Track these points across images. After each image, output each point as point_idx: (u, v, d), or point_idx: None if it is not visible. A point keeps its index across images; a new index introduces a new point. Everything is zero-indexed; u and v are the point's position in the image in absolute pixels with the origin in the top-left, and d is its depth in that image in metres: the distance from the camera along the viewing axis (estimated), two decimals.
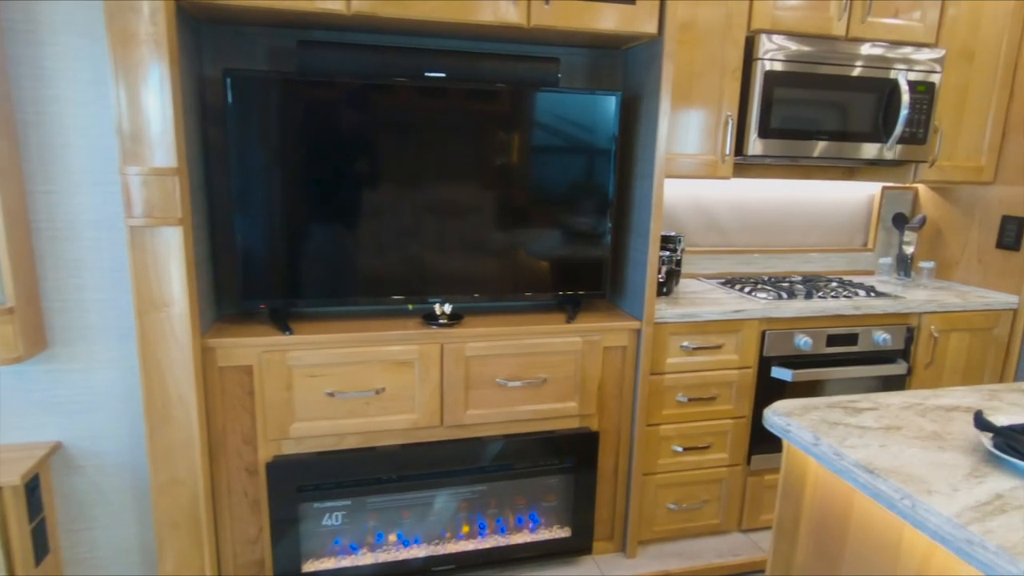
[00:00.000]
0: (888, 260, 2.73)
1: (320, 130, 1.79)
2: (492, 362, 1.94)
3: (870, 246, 2.88)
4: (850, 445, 1.10)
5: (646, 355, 2.05)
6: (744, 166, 2.60)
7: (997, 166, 2.51)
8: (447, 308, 1.95)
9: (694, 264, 2.67)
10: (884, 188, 2.82)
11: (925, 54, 2.27)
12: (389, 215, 1.89)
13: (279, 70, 1.93)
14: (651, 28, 1.88)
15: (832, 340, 2.26)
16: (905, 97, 2.24)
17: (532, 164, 1.97)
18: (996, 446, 1.04)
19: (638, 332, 2.06)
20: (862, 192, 2.82)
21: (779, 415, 1.24)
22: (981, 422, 1.10)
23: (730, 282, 2.52)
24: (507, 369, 1.96)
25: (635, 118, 2.11)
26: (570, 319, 2.03)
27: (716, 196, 2.64)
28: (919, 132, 2.33)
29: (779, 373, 2.22)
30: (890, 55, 2.24)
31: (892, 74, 2.25)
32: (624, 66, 2.20)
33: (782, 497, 1.32)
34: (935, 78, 2.30)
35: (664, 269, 2.26)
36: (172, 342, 1.64)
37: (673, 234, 2.43)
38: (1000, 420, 1.17)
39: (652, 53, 1.97)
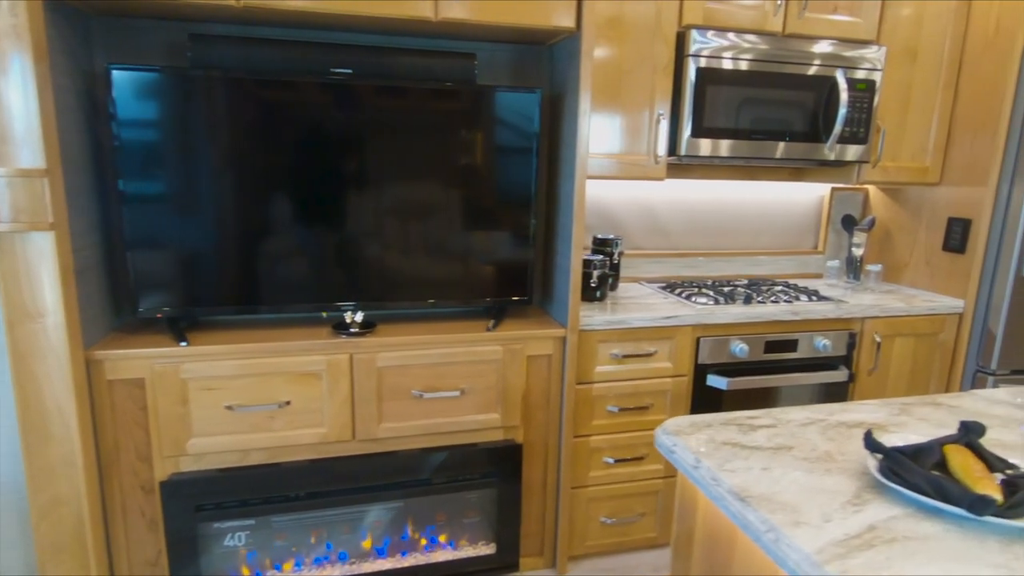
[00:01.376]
0: (836, 263, 2.66)
1: (214, 128, 1.69)
2: (407, 373, 1.85)
3: (820, 249, 2.81)
4: (730, 468, 1.02)
5: (571, 364, 1.97)
6: (688, 167, 2.53)
7: (943, 167, 2.45)
8: (358, 316, 1.86)
9: (637, 267, 2.59)
10: (834, 189, 2.76)
11: (865, 52, 2.21)
12: (295, 218, 1.80)
13: (168, 65, 1.83)
14: (568, 23, 1.80)
15: (770, 347, 2.19)
16: (844, 96, 2.17)
17: (449, 165, 1.88)
18: (880, 470, 0.96)
19: (563, 340, 1.98)
20: (812, 193, 2.75)
21: (667, 434, 1.16)
22: (871, 443, 1.02)
23: (671, 286, 2.45)
24: (424, 380, 1.87)
25: (560, 117, 2.02)
26: (492, 327, 1.94)
27: (660, 198, 2.56)
28: (860, 132, 2.26)
29: (714, 381, 2.14)
30: (828, 52, 2.17)
31: (831, 72, 2.18)
32: (551, 62, 2.12)
33: (677, 517, 1.24)
34: (876, 76, 2.23)
35: (596, 273, 2.17)
36: (49, 354, 1.53)
37: (611, 237, 2.35)
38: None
39: (573, 49, 1.89)
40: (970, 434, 1.05)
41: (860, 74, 2.21)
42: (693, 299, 2.23)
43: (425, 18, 1.69)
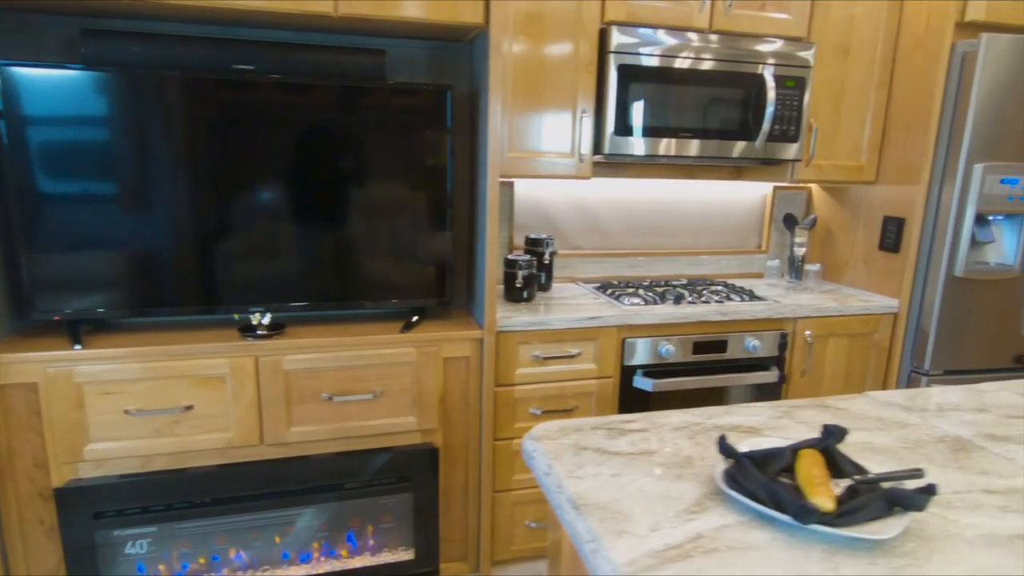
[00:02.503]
0: (775, 262, 2.64)
1: (108, 126, 1.65)
2: (317, 376, 1.81)
3: (764, 248, 2.79)
4: (578, 476, 0.99)
5: (489, 366, 1.94)
6: (624, 166, 2.50)
7: (879, 165, 2.43)
8: (266, 319, 1.82)
9: (574, 268, 2.56)
10: (775, 188, 2.73)
11: (794, 49, 2.18)
12: (200, 218, 1.76)
13: (59, 62, 1.78)
14: (476, 18, 1.76)
15: (699, 347, 2.16)
16: (771, 94, 2.14)
17: (361, 164, 1.85)
18: (722, 476, 0.93)
19: (481, 342, 1.94)
20: (755, 192, 2.73)
21: (532, 439, 1.12)
22: (725, 447, 0.99)
23: (604, 287, 2.42)
24: (335, 383, 1.83)
25: (477, 115, 1.99)
26: (406, 328, 1.91)
27: (598, 197, 2.53)
28: (791, 130, 2.24)
29: (640, 383, 2.12)
30: (756, 49, 2.14)
31: (759, 69, 2.16)
32: (470, 60, 2.08)
33: (550, 525, 1.21)
34: (806, 73, 2.21)
35: (522, 274, 2.14)
36: None
37: (543, 236, 2.32)
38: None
39: (485, 45, 1.86)
40: (829, 438, 1.02)
41: (789, 71, 2.19)
42: (623, 299, 2.20)
43: (325, 13, 1.66)
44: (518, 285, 2.15)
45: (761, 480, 0.89)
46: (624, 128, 2.08)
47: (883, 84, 2.35)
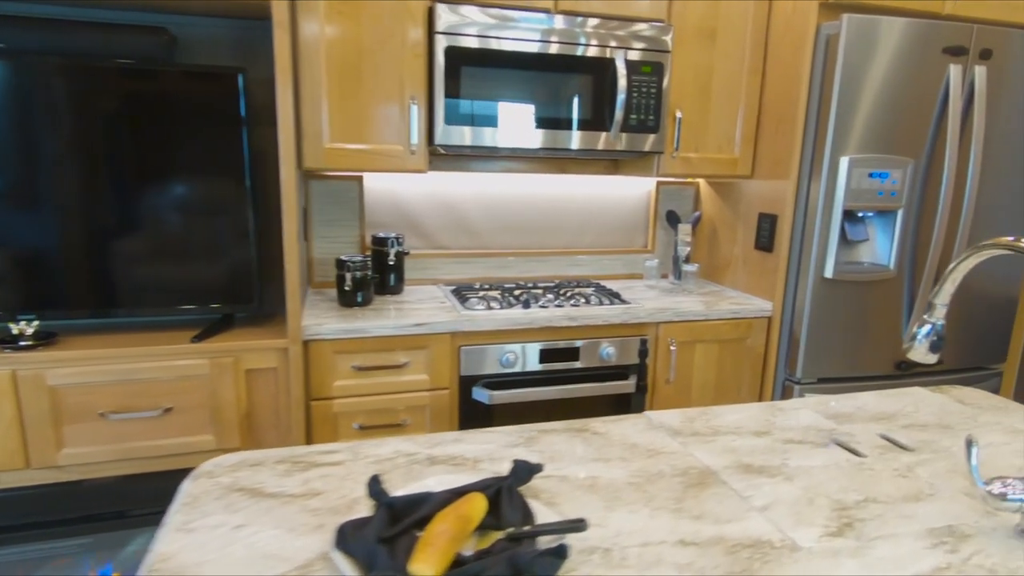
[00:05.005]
0: (654, 263, 2.47)
1: None
2: (91, 391, 1.62)
3: (650, 247, 2.62)
4: (190, 528, 0.81)
5: (296, 378, 1.75)
6: (490, 159, 2.33)
7: (754, 158, 2.27)
8: (31, 328, 1.63)
9: (437, 269, 2.38)
10: (659, 183, 2.57)
11: (649, 31, 2.01)
12: None
13: None
14: None
15: (547, 355, 1.99)
16: (623, 81, 1.97)
17: (151, 156, 1.66)
18: (336, 533, 0.75)
19: (287, 351, 1.76)
20: (640, 188, 2.56)
21: (193, 477, 0.94)
22: (375, 490, 0.82)
23: (460, 289, 2.24)
24: (113, 399, 1.65)
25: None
26: (199, 338, 1.72)
27: (464, 193, 2.36)
28: (650, 119, 2.07)
29: (479, 395, 1.94)
30: (603, 31, 1.97)
31: (609, 53, 1.99)
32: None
33: None
34: (664, 58, 2.04)
35: (350, 276, 1.96)
36: None
37: (391, 235, 2.14)
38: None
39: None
40: (509, 478, 0.85)
41: (645, 56, 2.02)
42: (469, 303, 2.03)
43: None
44: (347, 288, 1.97)
45: (366, 539, 0.72)
46: (457, 117, 1.90)
47: (755, 71, 2.19)
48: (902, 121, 1.97)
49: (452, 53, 1.85)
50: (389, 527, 0.75)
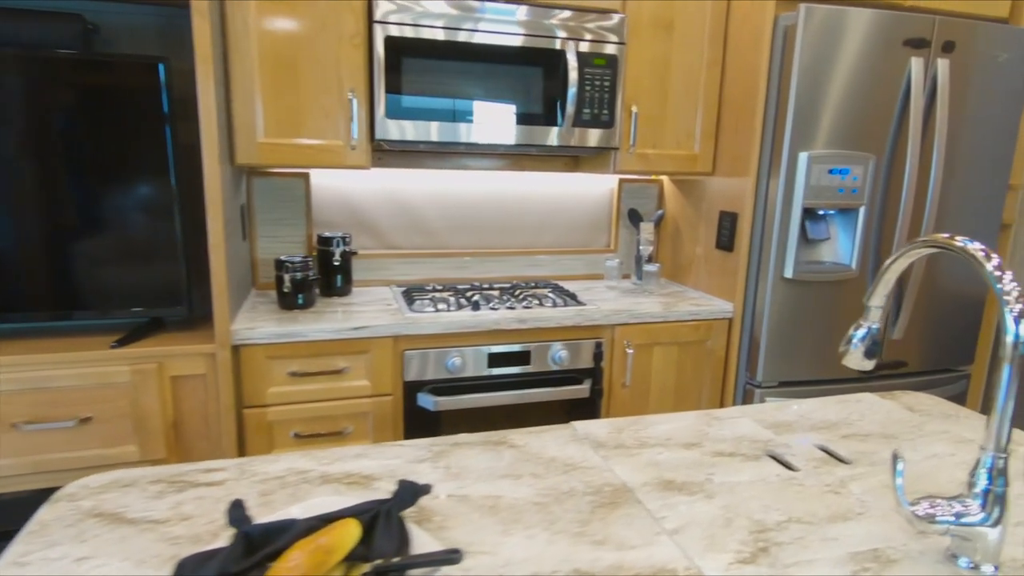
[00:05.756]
0: (615, 262, 2.40)
1: None
2: (1, 401, 1.53)
3: (612, 247, 2.55)
4: (24, 562, 0.72)
5: (225, 385, 1.66)
6: (445, 156, 2.25)
7: (716, 154, 2.20)
8: None
9: (389, 269, 2.30)
10: (622, 181, 2.50)
11: (602, 21, 1.94)
12: None
13: None
14: None
15: (496, 359, 1.91)
16: (573, 73, 1.90)
17: (70, 152, 1.56)
18: (176, 566, 0.67)
19: (215, 357, 1.67)
20: (602, 186, 2.49)
21: (52, 501, 0.86)
22: (235, 517, 0.74)
23: (410, 291, 2.16)
24: (27, 409, 1.55)
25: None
26: (120, 343, 1.63)
27: (418, 191, 2.28)
28: (604, 114, 1.99)
29: (424, 401, 1.86)
30: (553, 21, 1.90)
31: (559, 44, 1.91)
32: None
33: None
34: (618, 50, 1.97)
35: (288, 278, 1.87)
36: None
37: (337, 234, 2.06)
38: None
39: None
40: (389, 502, 0.77)
41: (597, 48, 1.95)
42: (415, 305, 1.94)
43: None
44: (286, 290, 1.88)
45: (208, 575, 0.64)
46: (399, 111, 1.82)
47: (715, 64, 2.12)
48: (863, 116, 1.90)
49: (392, 44, 1.77)
50: (240, 560, 0.67)
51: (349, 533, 0.71)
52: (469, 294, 2.11)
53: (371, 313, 1.88)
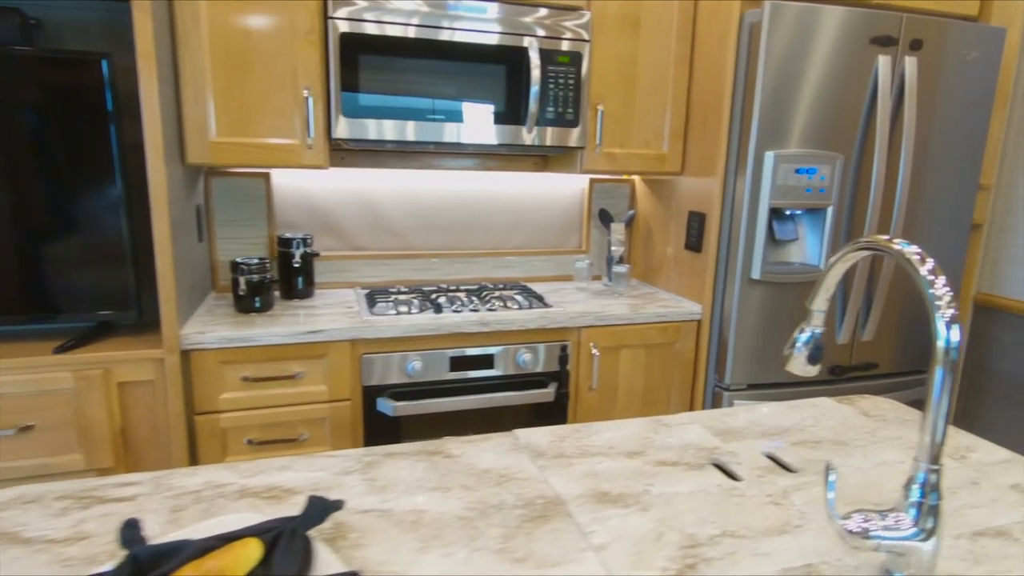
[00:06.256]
0: (585, 264, 2.36)
1: None
2: None
3: (584, 248, 2.51)
4: None
5: (174, 391, 1.62)
6: (411, 156, 2.20)
7: (684, 154, 2.17)
8: None
9: (355, 271, 2.25)
10: (592, 181, 2.46)
11: (565, 18, 1.90)
12: None
13: None
14: None
15: (458, 363, 1.87)
16: (536, 72, 1.86)
17: (7, 151, 1.51)
18: None
19: (163, 362, 1.62)
20: (573, 186, 2.45)
21: None
22: (126, 538, 0.69)
23: (373, 293, 2.11)
24: None
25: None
26: (62, 349, 1.58)
27: (383, 191, 2.23)
28: (568, 113, 1.96)
29: (383, 406, 1.82)
30: (514, 17, 1.86)
31: (523, 42, 1.88)
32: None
33: None
34: (582, 48, 1.93)
35: (244, 280, 1.83)
36: None
37: (297, 235, 2.01)
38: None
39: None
40: (295, 520, 0.73)
41: (560, 44, 1.91)
42: (377, 308, 1.90)
43: None
44: (242, 293, 1.83)
45: None
46: (357, 109, 1.78)
47: (682, 62, 2.09)
48: (830, 115, 1.88)
49: (348, 40, 1.73)
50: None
51: (247, 554, 0.67)
52: (434, 296, 2.07)
53: (330, 316, 1.83)
